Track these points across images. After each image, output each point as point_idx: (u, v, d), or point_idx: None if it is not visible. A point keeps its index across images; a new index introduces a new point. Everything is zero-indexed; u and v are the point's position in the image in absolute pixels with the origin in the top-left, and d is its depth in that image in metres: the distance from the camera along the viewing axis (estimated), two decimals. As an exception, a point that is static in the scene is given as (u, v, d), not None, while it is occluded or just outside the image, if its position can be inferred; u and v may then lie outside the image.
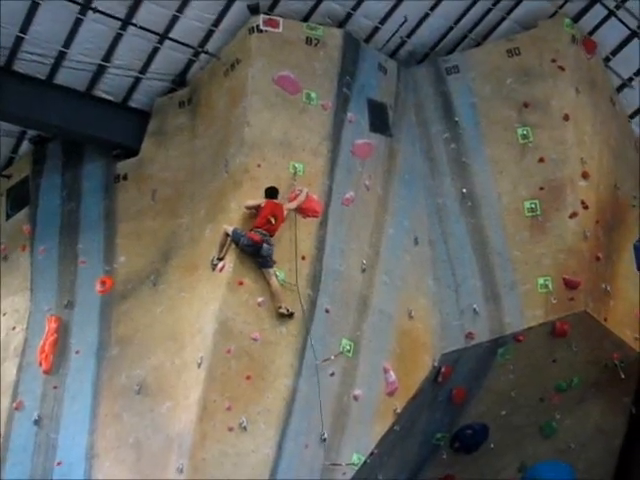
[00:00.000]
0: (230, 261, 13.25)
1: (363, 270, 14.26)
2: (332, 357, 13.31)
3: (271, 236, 13.08)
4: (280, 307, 13.08)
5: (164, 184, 15.00)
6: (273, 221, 13.09)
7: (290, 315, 13.14)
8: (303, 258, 13.63)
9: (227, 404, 12.52)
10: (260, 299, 13.22)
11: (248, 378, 12.68)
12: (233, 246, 13.32)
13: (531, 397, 15.52)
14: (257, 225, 13.14)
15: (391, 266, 14.61)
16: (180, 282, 13.88)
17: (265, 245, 12.95)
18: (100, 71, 14.96)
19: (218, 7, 14.85)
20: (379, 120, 15.45)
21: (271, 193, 13.46)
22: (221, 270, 13.31)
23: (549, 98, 15.70)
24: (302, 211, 13.82)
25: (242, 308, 12.98)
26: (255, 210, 13.35)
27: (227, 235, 13.23)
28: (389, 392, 13.96)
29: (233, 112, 14.61)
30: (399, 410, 13.84)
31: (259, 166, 14.10)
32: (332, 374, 13.34)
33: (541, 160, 15.51)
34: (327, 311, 13.59)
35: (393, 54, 16.21)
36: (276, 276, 13.12)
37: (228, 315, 12.92)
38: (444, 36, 16.36)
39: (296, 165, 14.21)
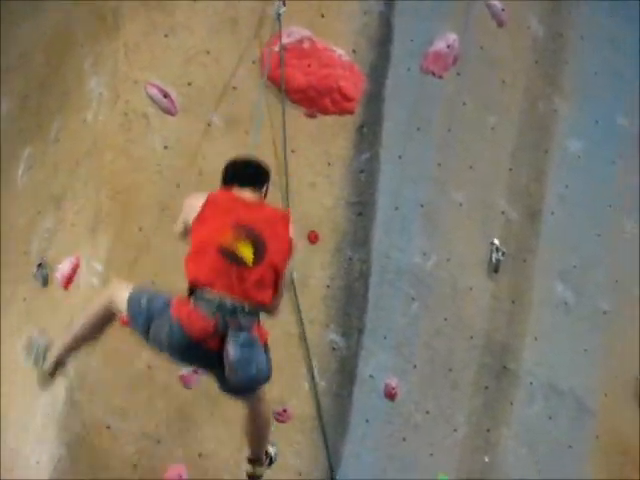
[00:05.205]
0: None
1: (495, 268, 6.49)
2: None
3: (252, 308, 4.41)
4: (253, 459, 4.71)
5: None
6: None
7: (269, 463, 4.90)
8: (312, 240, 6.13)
9: None
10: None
11: None
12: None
13: None
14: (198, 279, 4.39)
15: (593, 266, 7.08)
16: None
17: (233, 341, 4.28)
18: None
19: None
20: None
21: (243, 174, 4.57)
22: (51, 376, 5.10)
23: None
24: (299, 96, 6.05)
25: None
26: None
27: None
28: None
29: None
30: None
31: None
32: None
33: None
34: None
35: None
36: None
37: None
38: None
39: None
